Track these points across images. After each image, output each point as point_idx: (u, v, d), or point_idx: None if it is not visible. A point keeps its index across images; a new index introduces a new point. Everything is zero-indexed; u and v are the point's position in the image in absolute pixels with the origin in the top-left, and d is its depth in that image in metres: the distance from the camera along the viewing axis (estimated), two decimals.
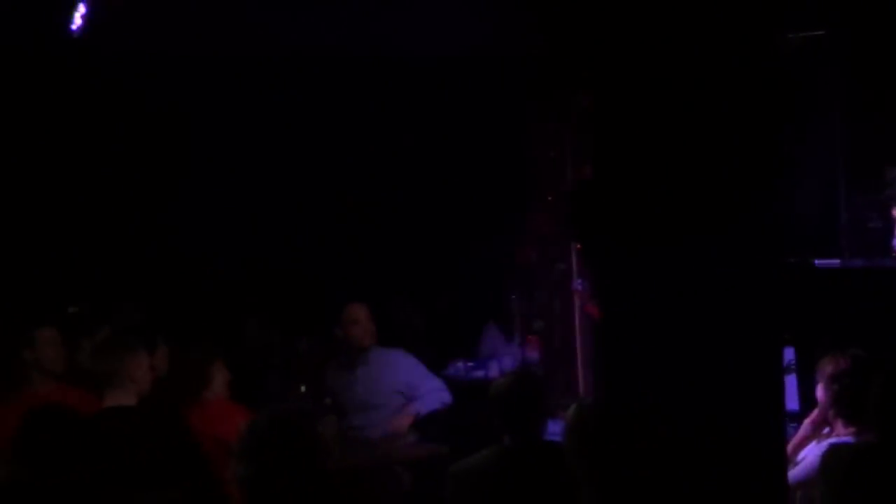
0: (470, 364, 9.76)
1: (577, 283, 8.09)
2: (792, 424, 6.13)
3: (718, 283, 4.03)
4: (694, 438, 3.97)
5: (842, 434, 5.61)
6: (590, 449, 4.49)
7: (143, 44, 9.72)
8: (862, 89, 9.18)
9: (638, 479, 4.15)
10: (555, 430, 5.43)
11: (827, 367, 5.70)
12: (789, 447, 5.68)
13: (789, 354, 6.98)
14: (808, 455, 5.73)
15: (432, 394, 8.19)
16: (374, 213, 12.52)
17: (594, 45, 4.26)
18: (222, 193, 11.88)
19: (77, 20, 8.19)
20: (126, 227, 12.20)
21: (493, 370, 9.26)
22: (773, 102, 4.11)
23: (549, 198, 8.73)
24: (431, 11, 9.23)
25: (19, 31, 8.99)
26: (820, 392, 5.77)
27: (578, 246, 5.32)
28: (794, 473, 5.54)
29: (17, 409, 5.66)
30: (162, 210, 12.25)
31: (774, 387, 4.23)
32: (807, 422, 5.96)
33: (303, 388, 8.25)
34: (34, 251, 11.75)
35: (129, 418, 6.12)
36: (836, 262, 8.39)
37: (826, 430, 5.83)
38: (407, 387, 8.17)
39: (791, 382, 6.89)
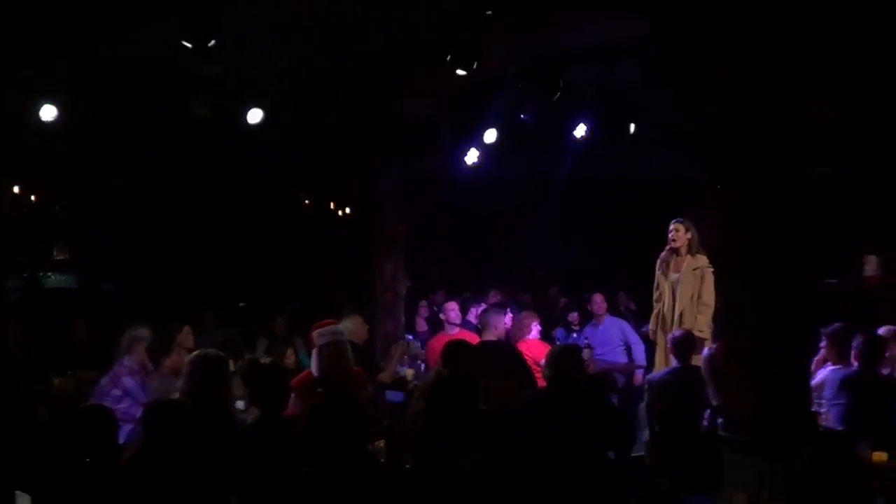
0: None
1: None
2: None
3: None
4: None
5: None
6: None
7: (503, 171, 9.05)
8: None
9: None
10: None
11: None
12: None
13: None
14: (818, 374, 5.30)
15: (638, 345, 7.83)
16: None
17: None
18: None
19: (472, 157, 7.97)
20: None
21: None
22: None
23: None
24: None
25: (436, 165, 8.74)
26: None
27: None
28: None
29: (441, 343, 5.93)
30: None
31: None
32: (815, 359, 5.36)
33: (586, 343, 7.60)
34: (463, 266, 12.04)
35: (492, 346, 6.18)
36: None
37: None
38: (624, 337, 7.90)
39: None
